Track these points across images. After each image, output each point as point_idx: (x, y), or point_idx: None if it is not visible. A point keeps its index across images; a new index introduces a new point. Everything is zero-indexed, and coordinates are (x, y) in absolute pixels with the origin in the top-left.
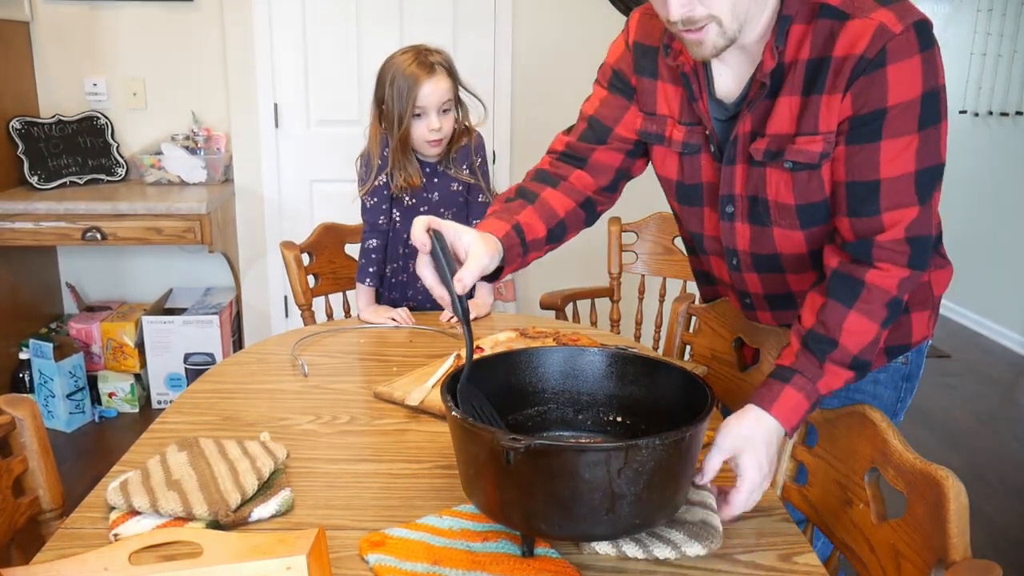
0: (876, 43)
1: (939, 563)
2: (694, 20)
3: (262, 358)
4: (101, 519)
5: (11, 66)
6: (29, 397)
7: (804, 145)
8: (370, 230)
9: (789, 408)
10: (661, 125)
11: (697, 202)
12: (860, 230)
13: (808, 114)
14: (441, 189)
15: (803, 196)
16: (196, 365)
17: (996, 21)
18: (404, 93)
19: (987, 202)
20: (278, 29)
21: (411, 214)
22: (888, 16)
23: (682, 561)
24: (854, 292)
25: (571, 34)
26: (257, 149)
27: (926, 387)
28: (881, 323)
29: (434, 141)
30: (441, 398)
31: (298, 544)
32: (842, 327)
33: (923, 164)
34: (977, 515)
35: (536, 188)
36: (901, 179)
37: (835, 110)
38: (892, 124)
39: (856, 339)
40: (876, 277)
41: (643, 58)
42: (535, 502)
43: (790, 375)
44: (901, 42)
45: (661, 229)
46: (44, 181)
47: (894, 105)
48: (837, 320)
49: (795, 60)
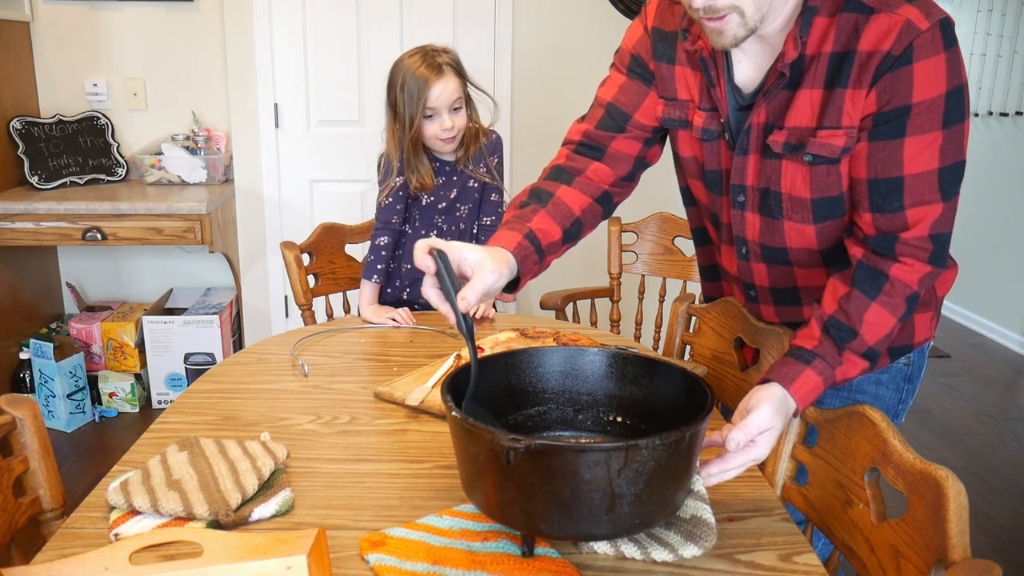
0: (903, 40)
1: (939, 563)
2: (716, 9)
3: (262, 358)
4: (101, 519)
5: (11, 66)
6: (29, 397)
7: (826, 139)
8: (383, 227)
9: (807, 389)
10: (683, 110)
11: (717, 189)
12: (883, 226)
13: (831, 108)
14: (460, 187)
15: (820, 190)
16: (196, 365)
17: (996, 21)
18: (414, 95)
19: (987, 202)
20: (278, 29)
21: (430, 212)
22: (914, 13)
23: (682, 561)
24: (878, 284)
25: (571, 33)
26: (257, 149)
27: (926, 387)
28: (899, 317)
29: (447, 139)
30: (441, 398)
31: (298, 544)
32: (863, 318)
33: (947, 161)
34: (977, 515)
35: (550, 187)
36: (925, 176)
37: (859, 105)
38: (917, 121)
39: (874, 330)
40: (900, 271)
41: (661, 43)
42: (535, 502)
43: (811, 358)
44: (927, 39)
45: (661, 229)
46: (44, 181)
47: (919, 102)
48: (859, 310)
49: (818, 52)
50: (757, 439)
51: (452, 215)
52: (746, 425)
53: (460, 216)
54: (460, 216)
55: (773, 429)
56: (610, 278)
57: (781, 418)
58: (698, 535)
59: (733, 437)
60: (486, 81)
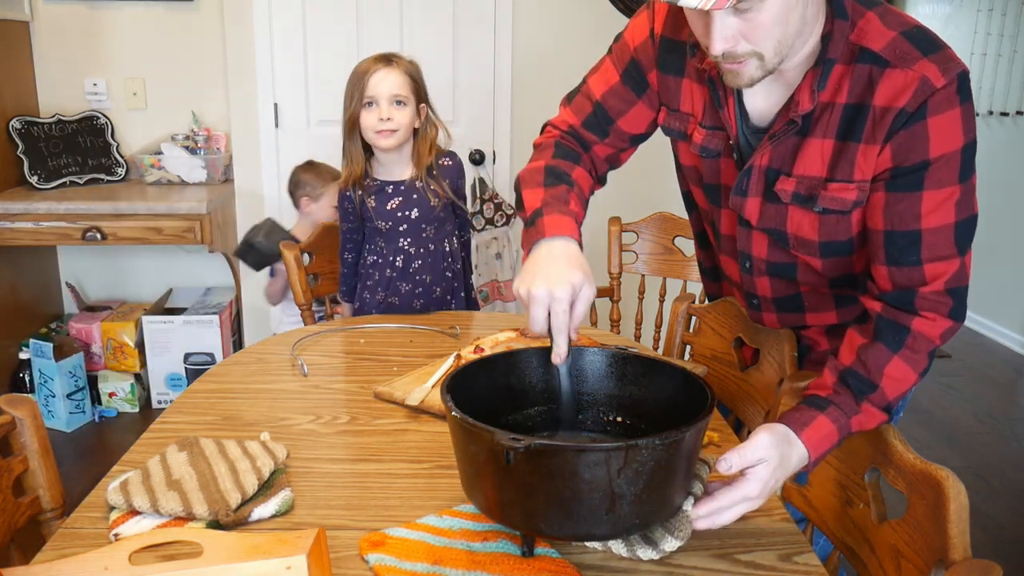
0: (918, 97)
1: (939, 563)
2: (736, 55)
3: (262, 358)
4: (101, 519)
5: (11, 66)
6: (29, 397)
7: (838, 192)
8: (347, 240)
9: (820, 436)
10: (684, 123)
11: (716, 201)
12: (900, 280)
13: (843, 161)
14: (420, 206)
15: (828, 235)
16: (196, 365)
17: (996, 21)
18: (354, 82)
19: (987, 202)
20: (278, 29)
21: (394, 236)
22: (932, 69)
23: (681, 561)
24: (900, 338)
25: (571, 33)
26: (257, 149)
27: (926, 387)
28: (920, 372)
29: (383, 131)
30: (441, 398)
31: (298, 544)
32: (884, 371)
33: (962, 215)
34: (977, 515)
35: (567, 168)
36: (942, 230)
37: (871, 161)
38: (935, 175)
39: (895, 385)
40: (922, 325)
41: (669, 55)
42: (535, 502)
43: (825, 404)
44: (943, 96)
45: (661, 229)
46: (44, 181)
47: (937, 157)
48: (879, 363)
49: (831, 103)
50: (749, 473)
51: (418, 237)
52: (741, 449)
53: (427, 237)
54: (427, 237)
55: (769, 462)
56: (610, 278)
57: (778, 452)
58: (674, 527)
59: (726, 458)
60: (486, 81)
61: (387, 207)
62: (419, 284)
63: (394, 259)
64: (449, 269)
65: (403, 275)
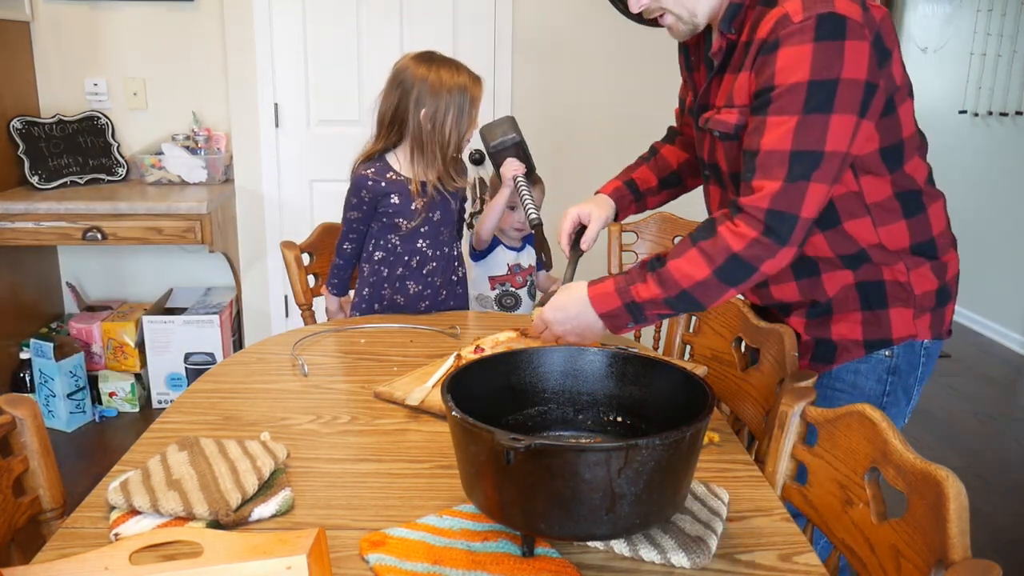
0: (777, 30)
1: (939, 563)
2: (650, 11)
3: (262, 358)
4: (101, 519)
5: (11, 66)
6: (30, 397)
7: (723, 116)
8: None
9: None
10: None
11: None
12: (741, 192)
13: (734, 89)
14: (444, 209)
15: (732, 164)
16: (196, 365)
17: (996, 21)
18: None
19: (986, 202)
20: (278, 29)
21: (412, 236)
22: (795, 6)
23: (669, 565)
24: (705, 235)
25: (571, 31)
26: (257, 149)
27: (926, 387)
28: (715, 270)
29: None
30: (441, 398)
31: (298, 544)
32: (680, 254)
33: (799, 146)
34: (977, 515)
35: (658, 144)
36: (775, 153)
37: (744, 86)
38: (777, 102)
39: (685, 271)
40: (727, 231)
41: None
42: (535, 502)
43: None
44: (795, 29)
45: (661, 229)
46: (45, 181)
47: (779, 84)
48: (679, 250)
49: (741, 41)
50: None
51: (436, 239)
52: None
53: (443, 240)
54: (443, 240)
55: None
56: None
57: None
58: (693, 550)
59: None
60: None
61: (412, 207)
62: (429, 286)
63: (409, 259)
64: (455, 273)
65: (415, 275)
